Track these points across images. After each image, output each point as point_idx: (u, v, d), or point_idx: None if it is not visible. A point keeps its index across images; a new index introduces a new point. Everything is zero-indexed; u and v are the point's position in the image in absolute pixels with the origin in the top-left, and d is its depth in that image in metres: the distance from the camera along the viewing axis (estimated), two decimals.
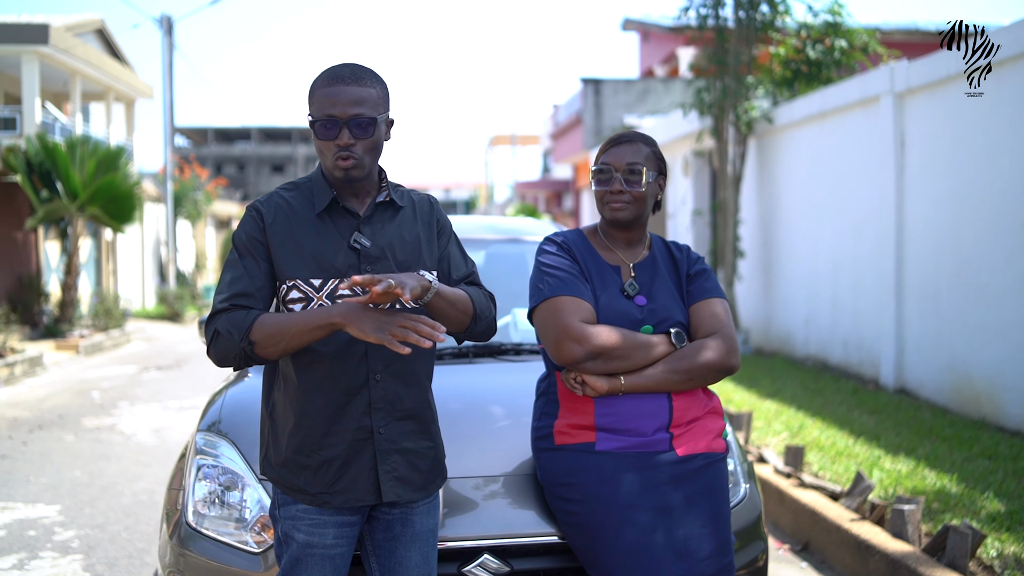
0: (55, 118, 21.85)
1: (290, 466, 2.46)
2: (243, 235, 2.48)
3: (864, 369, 9.30)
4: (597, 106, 21.49)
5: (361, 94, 2.42)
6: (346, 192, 2.51)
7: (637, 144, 2.86)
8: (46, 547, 5.34)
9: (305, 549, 2.44)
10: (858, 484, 4.98)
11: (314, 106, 2.43)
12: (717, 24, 11.88)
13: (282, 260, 2.43)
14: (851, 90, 9.40)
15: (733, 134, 11.80)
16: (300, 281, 2.42)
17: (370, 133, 2.42)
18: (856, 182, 9.49)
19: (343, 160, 2.41)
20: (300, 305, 2.42)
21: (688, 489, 2.68)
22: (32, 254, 18.60)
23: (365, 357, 2.43)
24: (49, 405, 10.30)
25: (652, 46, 26.16)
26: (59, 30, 20.49)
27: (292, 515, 2.47)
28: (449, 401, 3.39)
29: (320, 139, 2.42)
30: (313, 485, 2.44)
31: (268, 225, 2.45)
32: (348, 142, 2.39)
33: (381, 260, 2.48)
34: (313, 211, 2.48)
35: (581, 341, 2.68)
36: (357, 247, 2.46)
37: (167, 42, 22.65)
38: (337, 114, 2.39)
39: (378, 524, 2.53)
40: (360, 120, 2.40)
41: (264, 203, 2.51)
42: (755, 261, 12.20)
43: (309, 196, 2.51)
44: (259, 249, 2.45)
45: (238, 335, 2.35)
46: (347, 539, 2.48)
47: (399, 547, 2.52)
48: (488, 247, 4.74)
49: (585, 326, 2.70)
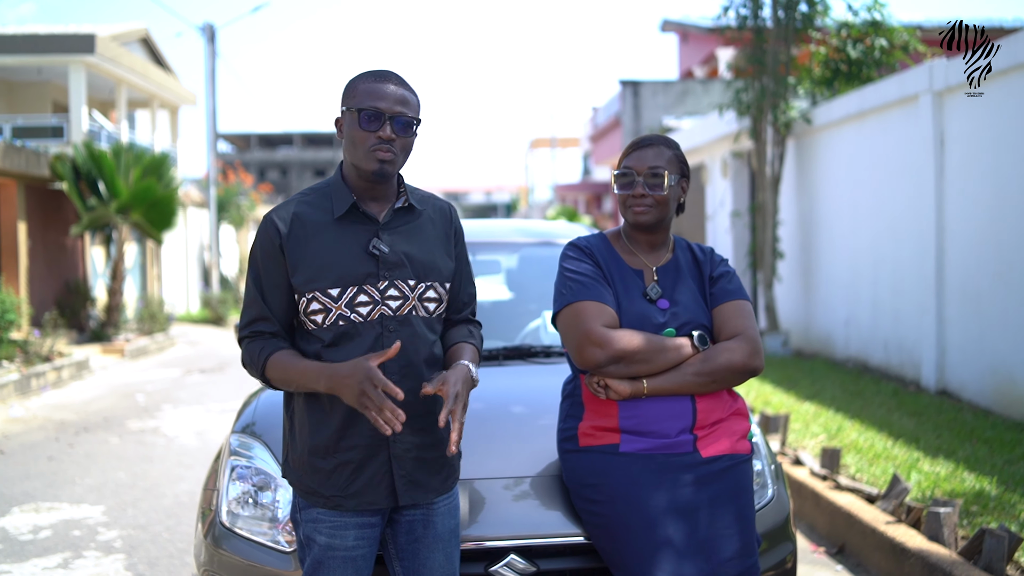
0: (101, 126, 22.24)
1: (307, 469, 2.49)
2: (259, 249, 2.51)
3: (905, 371, 9.21)
4: (636, 108, 21.45)
5: (406, 96, 2.48)
6: (366, 196, 2.52)
7: (659, 147, 2.88)
8: (90, 547, 5.46)
9: (327, 552, 2.47)
10: (894, 487, 4.95)
11: (356, 98, 2.45)
12: (756, 24, 11.82)
13: (299, 274, 2.45)
14: (890, 89, 9.31)
15: (772, 135, 11.74)
16: (319, 293, 2.44)
17: (410, 133, 2.48)
18: (895, 182, 9.40)
19: (383, 152, 2.43)
20: (320, 316, 2.45)
21: (712, 490, 2.69)
22: (79, 260, 18.94)
23: (382, 364, 2.44)
24: (95, 408, 10.49)
25: (691, 47, 26.06)
26: (105, 40, 20.86)
27: (313, 518, 2.50)
28: (476, 403, 3.42)
29: (363, 129, 2.43)
30: (327, 488, 2.47)
31: (284, 236, 2.46)
32: (390, 136, 2.43)
33: (400, 267, 2.49)
34: (330, 216, 2.49)
35: (603, 345, 2.70)
36: (376, 253, 2.47)
37: (210, 50, 22.95)
38: (384, 108, 2.43)
39: (400, 527, 2.55)
40: (404, 119, 2.45)
41: (280, 214, 2.51)
42: (795, 262, 12.12)
43: (327, 201, 2.52)
44: (276, 262, 2.47)
45: (255, 370, 2.47)
46: (368, 540, 2.50)
47: (422, 548, 2.54)
48: (520, 250, 4.78)
49: (606, 330, 2.72)
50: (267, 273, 2.48)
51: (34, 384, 11.59)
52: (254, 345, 2.48)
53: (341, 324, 2.45)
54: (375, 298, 2.45)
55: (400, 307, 2.48)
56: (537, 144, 58.94)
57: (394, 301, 2.48)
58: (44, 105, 23.29)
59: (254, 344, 2.48)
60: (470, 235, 4.93)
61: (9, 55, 20.36)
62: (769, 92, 11.53)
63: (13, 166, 15.12)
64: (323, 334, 2.46)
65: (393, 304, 2.48)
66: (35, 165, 16.09)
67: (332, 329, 2.45)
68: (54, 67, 21.29)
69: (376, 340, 2.46)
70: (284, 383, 2.45)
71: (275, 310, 2.48)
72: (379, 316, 2.46)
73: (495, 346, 3.90)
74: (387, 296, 2.47)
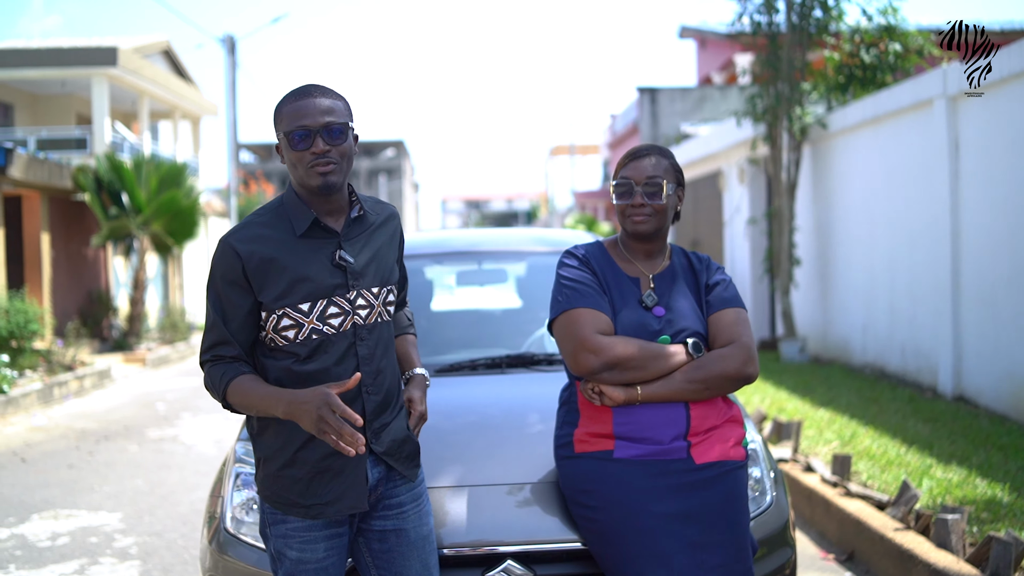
0: (124, 137, 22.46)
1: (282, 481, 2.51)
2: (216, 273, 2.50)
3: (922, 377, 9.17)
4: (653, 115, 21.45)
5: (331, 105, 2.49)
6: (322, 211, 2.53)
7: (655, 157, 2.91)
8: (106, 553, 5.53)
9: (298, 565, 2.51)
10: (904, 493, 4.94)
11: (284, 122, 2.47)
12: (770, 30, 11.82)
13: (267, 292, 2.46)
14: (904, 94, 9.29)
15: (787, 140, 11.72)
16: (289, 309, 2.46)
17: (343, 140, 2.48)
18: (911, 187, 9.37)
19: (322, 166, 2.44)
20: (293, 331, 2.47)
21: (705, 497, 2.72)
22: (102, 270, 19.13)
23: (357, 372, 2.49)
24: (116, 416, 10.60)
25: (709, 53, 26.05)
26: (127, 52, 21.09)
27: (282, 533, 2.53)
28: (478, 411, 3.46)
29: (295, 150, 2.44)
30: (306, 497, 2.49)
31: (245, 260, 2.46)
32: (324, 149, 2.44)
33: (364, 276, 2.54)
34: (292, 235, 2.50)
35: (597, 352, 2.73)
36: (343, 264, 2.50)
37: (230, 61, 23.15)
38: (309, 124, 2.44)
39: (372, 535, 2.59)
40: (333, 127, 2.46)
41: (237, 237, 2.49)
42: (811, 268, 12.09)
43: (285, 219, 2.53)
44: (235, 286, 2.47)
45: (217, 394, 2.50)
46: (337, 550, 2.54)
47: (397, 557, 2.58)
48: (528, 258, 4.81)
49: (601, 337, 2.75)
50: (227, 297, 2.49)
51: (57, 393, 11.73)
52: (216, 369, 2.50)
53: (315, 338, 2.47)
54: (345, 308, 2.49)
55: (369, 315, 2.53)
56: (557, 152, 58.99)
57: (363, 310, 2.52)
58: (68, 117, 23.57)
59: (216, 368, 2.50)
60: (477, 245, 4.99)
61: (34, 68, 20.63)
62: (784, 98, 11.52)
63: (36, 178, 15.31)
64: (297, 349, 2.48)
65: (363, 312, 2.52)
66: (58, 177, 16.29)
67: (306, 343, 2.47)
68: (77, 80, 21.55)
69: (348, 349, 2.50)
70: (245, 408, 2.47)
71: (236, 333, 2.49)
72: (351, 326, 2.50)
73: (498, 354, 3.93)
74: (357, 305, 2.51)
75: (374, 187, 67.42)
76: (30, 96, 23.30)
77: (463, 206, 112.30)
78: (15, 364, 11.77)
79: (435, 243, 5.06)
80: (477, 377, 3.80)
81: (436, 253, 4.85)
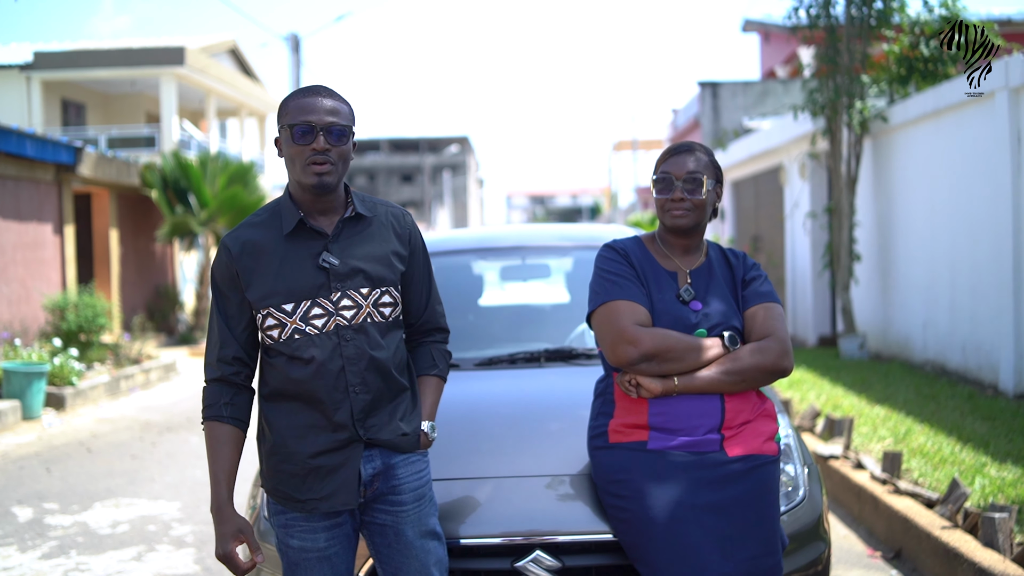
0: (191, 135, 22.94)
1: (281, 475, 2.58)
2: (216, 274, 2.59)
3: (983, 374, 8.99)
4: (715, 109, 21.27)
5: (337, 106, 2.53)
6: (313, 210, 2.56)
7: (696, 154, 2.93)
8: (163, 540, 5.69)
9: (301, 554, 2.58)
10: (953, 491, 4.87)
11: (288, 115, 2.51)
12: (828, 22, 11.66)
13: (253, 291, 2.53)
14: (965, 87, 9.11)
15: (847, 135, 11.56)
16: (273, 309, 2.52)
17: (344, 142, 2.52)
18: (972, 181, 9.19)
19: (318, 165, 2.47)
20: (277, 331, 2.53)
21: (736, 490, 2.73)
22: (168, 265, 19.58)
23: (343, 372, 2.53)
24: (179, 409, 10.86)
25: (773, 47, 25.72)
26: (194, 52, 21.53)
27: (283, 523, 2.61)
28: (512, 404, 3.51)
29: (296, 144, 2.48)
30: (302, 492, 2.55)
31: (235, 259, 2.53)
32: (324, 147, 2.47)
33: (351, 277, 2.55)
34: (279, 234, 2.55)
35: (635, 343, 2.76)
36: (326, 266, 2.53)
37: (294, 59, 23.49)
38: (314, 120, 2.47)
39: (373, 528, 2.64)
40: (336, 128, 2.49)
41: (231, 235, 2.58)
42: (872, 264, 11.91)
43: (277, 219, 2.58)
44: (232, 286, 2.56)
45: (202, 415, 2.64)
46: (339, 538, 2.60)
47: (395, 555, 2.62)
48: (572, 253, 4.85)
49: (639, 329, 2.78)
50: (227, 298, 2.58)
51: (123, 386, 12.05)
52: (208, 392, 2.61)
53: (297, 337, 2.52)
54: (328, 310, 2.53)
55: (355, 316, 2.55)
56: (620, 147, 58.74)
57: (348, 311, 2.54)
58: (138, 116, 24.15)
59: (209, 390, 2.61)
60: (521, 240, 5.04)
61: (105, 68, 21.17)
62: (843, 91, 11.36)
63: (105, 175, 15.73)
64: (282, 348, 2.54)
65: (347, 314, 2.54)
66: (126, 174, 16.71)
67: (289, 343, 2.53)
68: (147, 79, 22.08)
69: (334, 350, 2.53)
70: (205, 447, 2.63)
71: (238, 335, 2.57)
72: (335, 327, 2.54)
73: (536, 348, 3.98)
74: (341, 307, 2.54)
75: (438, 183, 67.90)
76: (101, 96, 23.91)
77: (528, 201, 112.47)
78: (84, 357, 12.12)
79: (480, 239, 5.12)
80: (515, 371, 3.84)
81: (480, 248, 4.90)
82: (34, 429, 9.62)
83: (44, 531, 5.96)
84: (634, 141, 51.55)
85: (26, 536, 5.85)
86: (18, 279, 13.12)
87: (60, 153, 13.97)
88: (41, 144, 13.41)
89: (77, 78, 21.72)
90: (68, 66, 21.01)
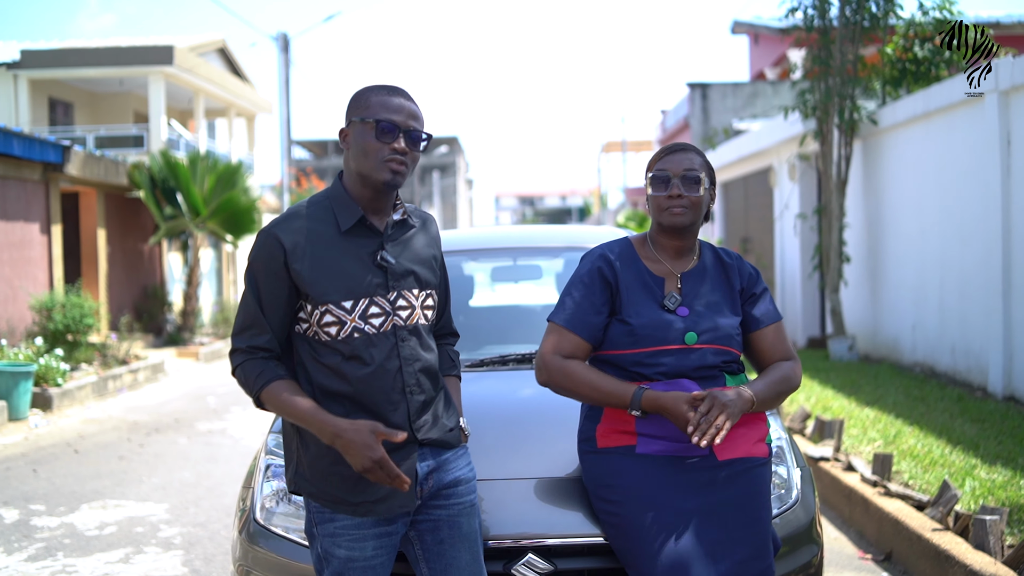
0: (180, 135, 22.83)
1: (330, 479, 2.49)
2: (260, 265, 2.51)
3: (972, 376, 9.01)
4: (704, 111, 21.30)
5: (417, 111, 2.55)
6: (369, 209, 2.55)
7: (692, 153, 2.92)
8: (151, 542, 5.65)
9: (347, 564, 2.50)
10: (944, 493, 4.87)
11: (370, 110, 2.49)
12: (823, 24, 11.68)
13: (313, 285, 2.46)
14: (955, 89, 9.13)
15: (838, 136, 11.58)
16: (332, 305, 2.47)
17: (421, 148, 2.54)
18: (962, 184, 9.21)
19: (396, 164, 2.47)
20: (335, 328, 2.48)
21: (727, 493, 2.71)
22: (156, 265, 19.48)
23: (400, 372, 2.51)
24: (167, 410, 10.81)
25: (762, 48, 25.77)
26: (183, 51, 21.43)
27: (331, 532, 2.51)
28: (503, 406, 3.49)
29: (378, 140, 2.46)
30: (355, 495, 2.48)
31: (289, 251, 2.47)
32: (405, 148, 2.48)
33: (405, 277, 2.55)
34: (335, 229, 2.52)
35: (547, 372, 2.87)
36: (384, 265, 2.52)
37: (284, 59, 23.42)
38: (399, 121, 2.48)
39: (425, 527, 2.60)
40: (417, 134, 2.52)
41: (281, 227, 2.50)
42: (861, 266, 11.93)
43: (330, 214, 2.54)
44: (276, 277, 2.48)
45: (250, 390, 2.50)
46: (386, 549, 2.54)
47: (448, 549, 2.59)
48: (563, 255, 4.83)
49: (558, 359, 2.84)
50: (267, 289, 2.49)
51: (111, 386, 11.99)
52: (251, 366, 2.49)
53: (356, 336, 2.48)
54: (386, 309, 2.51)
55: (409, 316, 2.55)
56: (609, 148, 58.74)
57: (403, 311, 2.54)
58: (126, 115, 24.02)
59: (251, 365, 2.49)
60: (512, 241, 5.02)
61: (92, 67, 21.04)
62: (835, 93, 11.38)
63: (93, 175, 15.64)
64: (340, 346, 2.49)
65: (403, 314, 2.54)
66: (113, 174, 16.62)
67: (348, 342, 2.48)
68: (135, 78, 21.94)
69: (391, 350, 2.51)
70: (282, 414, 2.50)
71: (274, 326, 2.51)
72: (392, 327, 2.52)
73: (527, 350, 3.95)
74: (397, 306, 2.53)
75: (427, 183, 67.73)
76: (89, 95, 23.78)
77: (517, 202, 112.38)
78: (71, 358, 12.05)
79: (470, 240, 5.09)
80: (506, 373, 3.83)
81: (471, 249, 4.88)
82: (20, 430, 9.56)
83: (30, 533, 5.91)
84: (623, 142, 51.57)
85: (12, 538, 5.81)
86: (5, 278, 13.04)
87: (47, 152, 13.88)
88: (28, 143, 13.32)
89: (65, 77, 21.58)
90: (55, 65, 20.88)
